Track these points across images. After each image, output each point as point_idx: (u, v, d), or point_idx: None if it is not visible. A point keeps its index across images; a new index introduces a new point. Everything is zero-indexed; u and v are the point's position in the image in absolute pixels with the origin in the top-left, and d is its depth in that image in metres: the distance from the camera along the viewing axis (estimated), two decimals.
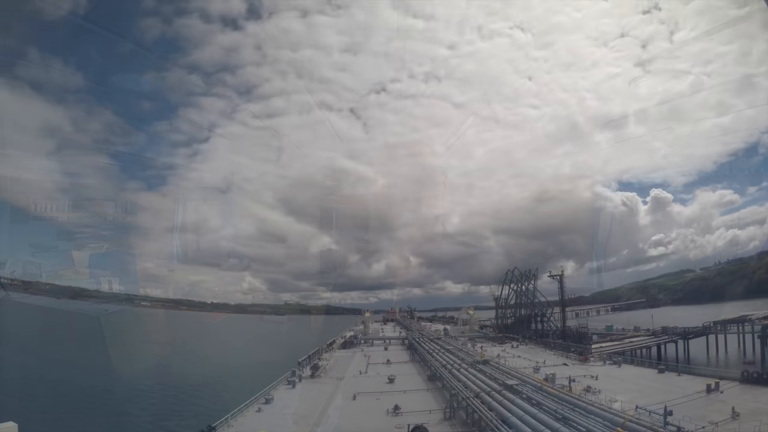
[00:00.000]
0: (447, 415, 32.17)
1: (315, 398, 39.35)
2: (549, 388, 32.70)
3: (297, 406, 36.33)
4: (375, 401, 37.38)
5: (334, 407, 35.93)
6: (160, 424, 50.89)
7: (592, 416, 24.73)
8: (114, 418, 51.27)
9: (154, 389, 65.23)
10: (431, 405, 35.65)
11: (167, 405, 57.93)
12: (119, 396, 58.85)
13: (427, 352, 58.56)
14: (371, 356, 66.82)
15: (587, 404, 26.95)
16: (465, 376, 38.46)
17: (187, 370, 78.60)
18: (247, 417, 33.02)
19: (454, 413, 32.26)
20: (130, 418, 51.75)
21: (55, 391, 58.24)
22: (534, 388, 32.97)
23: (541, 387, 33.02)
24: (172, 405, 58.02)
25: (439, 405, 35.44)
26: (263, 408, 35.56)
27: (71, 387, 62.42)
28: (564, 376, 42.24)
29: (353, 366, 57.89)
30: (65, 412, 51.74)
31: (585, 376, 45.11)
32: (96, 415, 51.44)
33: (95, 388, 61.69)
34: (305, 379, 48.60)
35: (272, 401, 37.38)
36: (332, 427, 30.58)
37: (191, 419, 47.79)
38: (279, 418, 32.95)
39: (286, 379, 47.40)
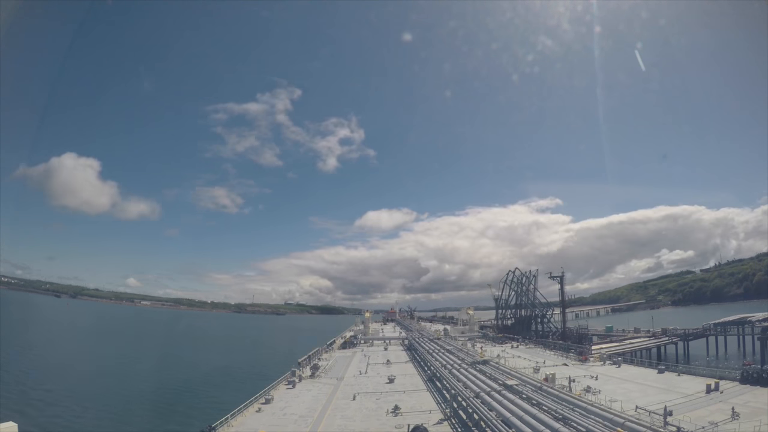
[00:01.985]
0: (447, 415, 32.18)
1: (315, 398, 39.37)
2: (549, 388, 32.70)
3: (297, 406, 36.35)
4: (375, 401, 37.40)
5: (334, 407, 35.94)
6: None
7: (592, 416, 24.74)
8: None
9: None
10: (431, 405, 35.68)
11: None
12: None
13: (427, 352, 58.58)
14: (371, 356, 66.86)
15: (587, 404, 26.96)
16: (465, 376, 38.45)
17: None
18: (247, 417, 33.04)
19: (454, 413, 32.27)
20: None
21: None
22: (534, 388, 32.98)
23: (541, 387, 33.03)
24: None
25: (439, 405, 35.46)
26: (263, 408, 35.60)
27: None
28: (564, 376, 42.30)
29: (353, 366, 57.92)
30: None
31: (585, 376, 45.17)
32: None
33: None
34: (305, 379, 48.63)
35: (272, 401, 37.44)
36: (332, 427, 30.58)
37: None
38: (279, 418, 32.94)
39: (286, 379, 47.42)
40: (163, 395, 61.77)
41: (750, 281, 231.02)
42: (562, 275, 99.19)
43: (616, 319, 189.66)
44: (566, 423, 23.99)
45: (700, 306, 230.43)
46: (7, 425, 24.25)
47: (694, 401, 33.61)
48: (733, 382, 39.08)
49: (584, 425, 23.08)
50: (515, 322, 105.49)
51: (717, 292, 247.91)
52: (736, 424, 26.73)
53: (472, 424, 29.26)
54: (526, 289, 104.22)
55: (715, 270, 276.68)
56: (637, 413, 27.71)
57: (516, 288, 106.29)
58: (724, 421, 27.75)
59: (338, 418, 32.76)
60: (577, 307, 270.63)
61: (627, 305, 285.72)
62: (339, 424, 31.01)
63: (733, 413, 28.87)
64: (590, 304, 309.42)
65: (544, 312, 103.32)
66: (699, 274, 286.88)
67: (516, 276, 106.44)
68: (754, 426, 25.47)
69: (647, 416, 26.69)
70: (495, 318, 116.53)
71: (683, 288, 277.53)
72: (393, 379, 46.50)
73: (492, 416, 27.46)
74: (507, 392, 31.05)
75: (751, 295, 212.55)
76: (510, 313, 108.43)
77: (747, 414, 28.84)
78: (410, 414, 32.72)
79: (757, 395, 34.28)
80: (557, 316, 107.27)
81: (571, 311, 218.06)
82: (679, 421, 25.82)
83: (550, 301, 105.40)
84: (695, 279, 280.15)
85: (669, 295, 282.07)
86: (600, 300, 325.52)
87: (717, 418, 28.37)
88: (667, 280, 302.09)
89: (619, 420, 22.95)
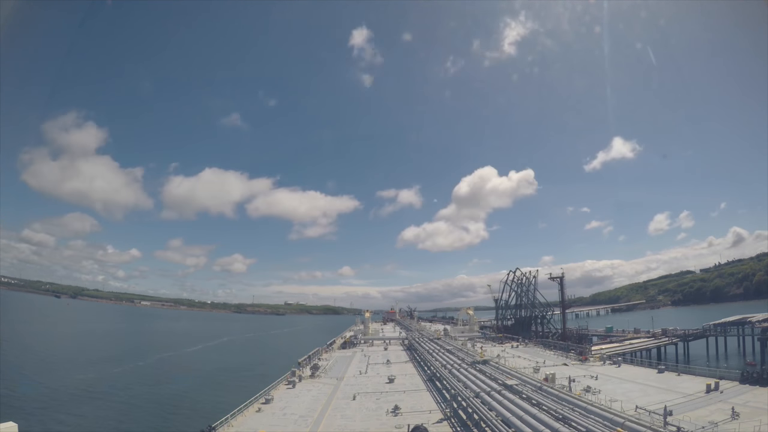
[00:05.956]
0: (447, 414, 32.18)
1: (315, 398, 39.35)
2: (549, 387, 32.67)
3: (297, 406, 36.33)
4: (375, 401, 37.39)
5: (334, 407, 35.93)
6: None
7: (592, 416, 24.70)
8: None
9: None
10: (431, 405, 35.67)
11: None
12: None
13: (427, 352, 58.55)
14: (371, 356, 66.85)
15: (587, 404, 26.92)
16: (465, 376, 38.42)
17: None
18: (247, 417, 33.01)
19: (454, 413, 32.27)
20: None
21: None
22: (534, 388, 32.95)
23: (541, 387, 33.00)
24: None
25: (439, 405, 35.46)
26: (263, 408, 35.58)
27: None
28: (564, 376, 42.29)
29: (353, 366, 57.90)
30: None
31: (585, 376, 45.16)
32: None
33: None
34: (305, 379, 48.61)
35: (272, 401, 37.42)
36: (332, 427, 30.56)
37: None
38: (279, 418, 32.92)
39: (286, 379, 47.41)
40: (163, 395, 61.81)
41: (750, 281, 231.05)
42: (562, 276, 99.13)
43: (616, 319, 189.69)
44: (566, 423, 23.96)
45: (700, 306, 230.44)
46: (7, 425, 24.23)
47: (694, 401, 33.61)
48: (733, 382, 39.05)
49: (584, 425, 23.06)
50: (515, 322, 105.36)
51: (717, 292, 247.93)
52: (736, 423, 26.72)
53: (472, 424, 29.24)
54: (526, 289, 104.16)
55: (715, 270, 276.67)
56: (637, 413, 27.68)
57: (516, 288, 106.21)
58: (724, 421, 27.74)
59: (338, 418, 32.74)
60: (577, 307, 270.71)
61: (627, 305, 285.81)
62: (339, 424, 30.99)
63: (733, 413, 28.86)
64: (590, 304, 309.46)
65: (544, 312, 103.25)
66: (699, 274, 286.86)
67: (516, 276, 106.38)
68: (754, 426, 25.47)
69: (647, 416, 26.65)
70: (495, 318, 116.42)
71: (683, 288, 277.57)
72: (393, 379, 46.49)
73: (492, 416, 27.45)
74: (507, 392, 31.01)
75: (751, 295, 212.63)
76: (510, 314, 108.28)
77: (747, 414, 28.84)
78: (410, 414, 32.71)
79: (757, 395, 34.27)
80: (557, 316, 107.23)
81: (571, 312, 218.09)
82: (679, 420, 25.80)
83: (549, 301, 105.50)
84: (695, 279, 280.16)
85: (669, 295, 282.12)
86: (600, 300, 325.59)
87: (717, 417, 28.36)
88: (667, 280, 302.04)
89: (619, 420, 22.92)
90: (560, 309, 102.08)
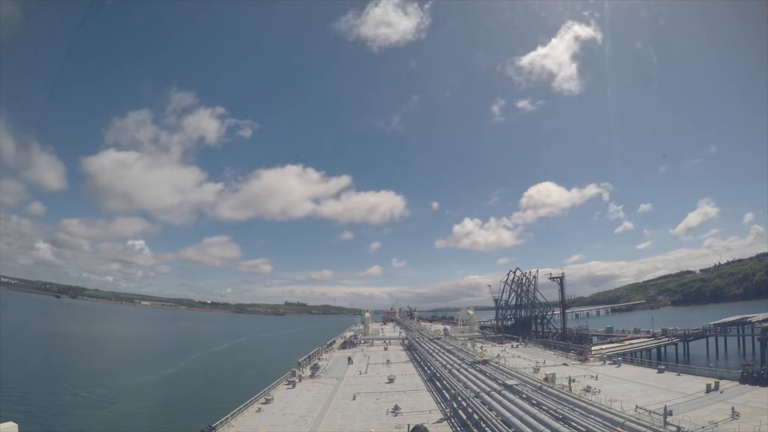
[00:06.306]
0: (447, 414, 32.18)
1: (315, 398, 39.36)
2: (549, 387, 32.67)
3: (297, 406, 36.33)
4: (375, 401, 37.39)
5: (334, 407, 35.93)
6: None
7: (592, 416, 24.70)
8: None
9: None
10: (431, 405, 35.67)
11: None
12: None
13: (427, 352, 58.54)
14: (371, 356, 66.84)
15: (587, 404, 26.92)
16: (465, 376, 38.41)
17: None
18: (247, 417, 33.01)
19: (454, 413, 32.27)
20: None
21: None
22: (534, 387, 32.96)
23: (541, 387, 33.00)
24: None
25: (439, 405, 35.46)
26: (263, 408, 35.58)
27: None
28: (564, 376, 42.30)
29: (353, 366, 57.90)
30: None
31: (585, 376, 45.16)
32: None
33: None
34: (305, 379, 48.61)
35: (272, 401, 37.41)
36: (332, 426, 30.56)
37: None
38: (279, 418, 32.91)
39: (286, 379, 47.40)
40: (163, 395, 61.81)
41: (750, 281, 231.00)
42: (562, 276, 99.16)
43: (616, 319, 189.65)
44: (566, 423, 23.95)
45: (700, 306, 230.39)
46: (7, 425, 24.22)
47: (694, 401, 33.61)
48: (733, 382, 39.06)
49: (584, 425, 23.05)
50: (515, 322, 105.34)
51: (717, 292, 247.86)
52: (735, 423, 26.73)
53: (472, 424, 29.24)
54: (526, 289, 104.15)
55: (715, 270, 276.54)
56: (637, 413, 27.68)
57: (516, 288, 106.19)
58: (724, 420, 27.75)
59: (338, 417, 32.74)
60: (577, 307, 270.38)
61: (627, 305, 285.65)
62: (339, 424, 30.99)
63: (732, 413, 28.87)
64: (590, 304, 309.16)
65: (544, 312, 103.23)
66: (699, 274, 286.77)
67: (516, 277, 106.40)
68: (753, 426, 25.47)
69: (647, 416, 26.64)
70: (495, 318, 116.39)
71: (683, 288, 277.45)
72: (393, 379, 46.50)
73: (492, 416, 27.46)
74: (507, 392, 31.00)
75: (751, 295, 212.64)
76: (510, 314, 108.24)
77: (747, 414, 28.85)
78: (410, 414, 32.71)
79: (757, 395, 34.27)
80: (557, 316, 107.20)
81: (571, 312, 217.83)
82: (679, 420, 25.79)
83: (549, 301, 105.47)
84: (695, 279, 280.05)
85: (669, 295, 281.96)
86: (600, 300, 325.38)
87: (717, 417, 28.36)
88: (667, 280, 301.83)
89: (619, 420, 22.91)
90: (560, 309, 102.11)
